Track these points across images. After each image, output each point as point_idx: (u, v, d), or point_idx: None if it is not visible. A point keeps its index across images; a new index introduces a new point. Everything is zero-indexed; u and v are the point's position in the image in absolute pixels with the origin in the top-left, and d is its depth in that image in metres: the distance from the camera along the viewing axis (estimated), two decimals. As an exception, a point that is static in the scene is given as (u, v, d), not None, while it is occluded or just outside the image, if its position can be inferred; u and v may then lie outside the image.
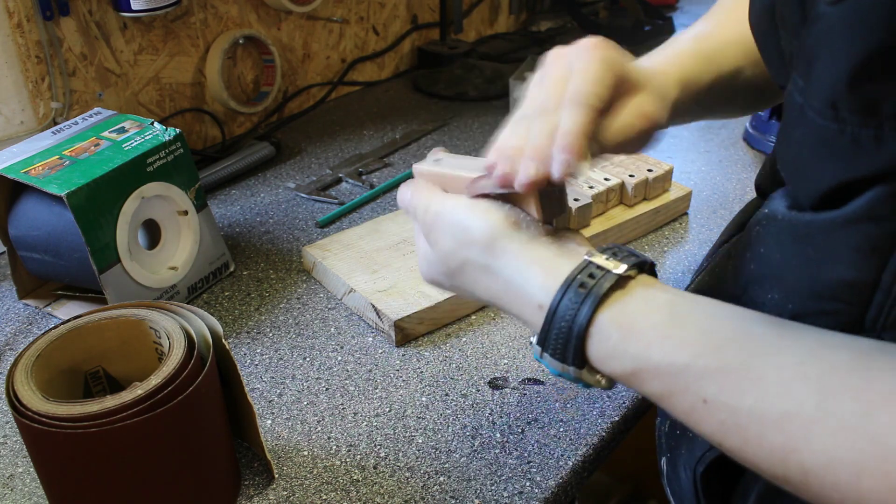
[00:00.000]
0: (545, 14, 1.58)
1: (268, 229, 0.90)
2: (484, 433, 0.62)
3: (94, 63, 0.93)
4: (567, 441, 0.61)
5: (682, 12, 1.68)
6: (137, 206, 0.71)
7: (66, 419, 0.46)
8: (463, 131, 1.14)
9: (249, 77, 1.13)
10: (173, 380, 0.49)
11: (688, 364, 0.39)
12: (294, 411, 0.64)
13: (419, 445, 0.61)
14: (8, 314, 0.77)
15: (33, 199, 0.70)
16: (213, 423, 0.53)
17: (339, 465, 0.59)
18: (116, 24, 0.94)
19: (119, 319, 0.54)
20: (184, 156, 0.75)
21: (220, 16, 1.05)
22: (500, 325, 0.74)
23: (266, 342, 0.72)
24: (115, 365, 0.56)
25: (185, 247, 0.77)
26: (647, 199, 0.87)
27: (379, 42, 1.31)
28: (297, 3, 1.11)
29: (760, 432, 0.36)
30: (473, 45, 1.40)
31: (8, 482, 0.58)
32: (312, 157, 1.07)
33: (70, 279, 0.73)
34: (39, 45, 0.87)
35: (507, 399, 0.65)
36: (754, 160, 1.05)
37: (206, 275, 0.79)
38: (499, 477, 0.58)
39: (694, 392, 0.39)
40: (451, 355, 0.70)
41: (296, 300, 0.78)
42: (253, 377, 0.68)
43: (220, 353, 0.54)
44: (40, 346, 0.51)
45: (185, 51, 1.03)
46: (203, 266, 0.79)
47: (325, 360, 0.70)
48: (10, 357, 0.71)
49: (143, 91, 1.00)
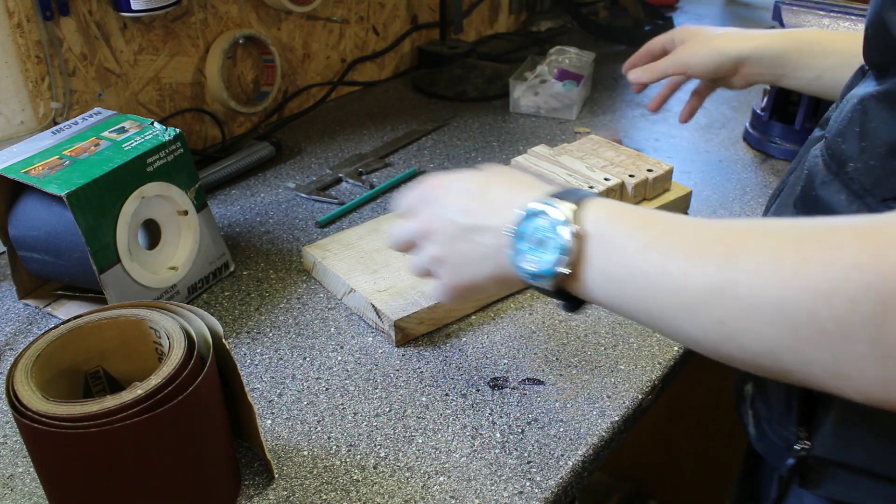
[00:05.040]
0: (545, 14, 1.58)
1: (268, 229, 0.90)
2: (484, 433, 0.62)
3: (94, 63, 0.93)
4: (567, 441, 0.61)
5: (682, 12, 1.68)
6: (137, 206, 0.71)
7: (66, 419, 0.46)
8: (463, 131, 1.14)
9: (249, 77, 1.13)
10: (173, 380, 0.49)
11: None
12: (294, 411, 0.64)
13: (419, 445, 0.61)
14: (8, 314, 0.77)
15: (33, 199, 0.70)
16: (213, 423, 0.53)
17: (339, 465, 0.59)
18: (116, 24, 0.94)
19: (119, 319, 0.54)
20: (184, 156, 0.75)
21: (220, 16, 1.05)
22: (500, 325, 0.74)
23: (266, 342, 0.72)
24: (115, 365, 0.56)
25: (185, 247, 0.77)
26: (648, 199, 0.87)
27: (379, 42, 1.31)
28: (297, 3, 1.11)
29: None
30: (473, 45, 1.40)
31: (8, 482, 0.58)
32: (312, 157, 1.07)
33: (70, 279, 0.73)
34: (39, 45, 0.87)
35: (507, 399, 0.65)
36: (754, 160, 1.05)
37: (206, 275, 0.79)
38: (499, 477, 0.58)
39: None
40: (450, 355, 0.70)
41: (296, 300, 0.78)
42: (253, 377, 0.68)
43: (220, 353, 0.54)
44: (40, 346, 0.51)
45: (185, 51, 1.03)
46: (203, 266, 0.79)
47: (325, 360, 0.70)
48: (10, 357, 0.71)
49: (143, 91, 1.00)
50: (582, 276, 0.46)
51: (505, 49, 1.45)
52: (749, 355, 0.39)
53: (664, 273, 0.42)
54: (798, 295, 0.36)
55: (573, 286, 0.47)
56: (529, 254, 0.48)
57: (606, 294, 0.46)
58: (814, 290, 0.35)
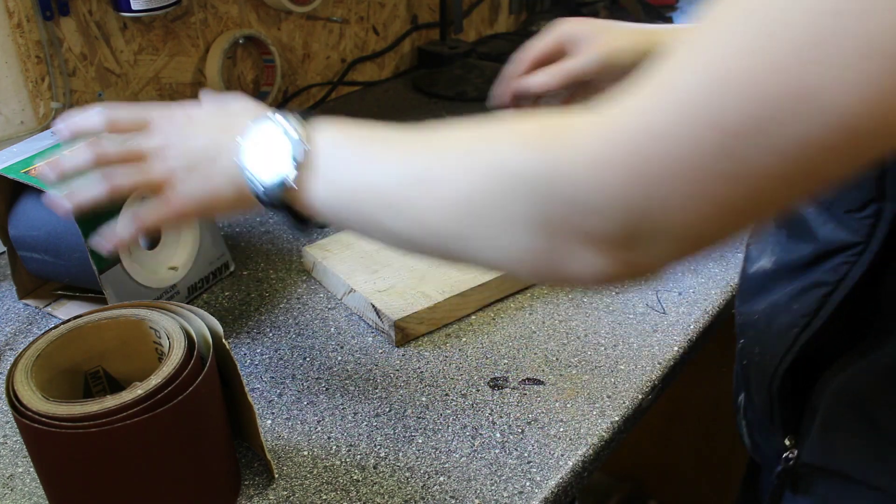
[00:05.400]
0: (545, 14, 1.58)
1: (268, 229, 0.90)
2: (484, 433, 0.62)
3: (94, 63, 0.93)
4: (567, 441, 0.61)
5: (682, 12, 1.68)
6: (137, 206, 0.71)
7: (66, 419, 0.46)
8: (463, 131, 1.14)
9: (249, 77, 1.13)
10: (173, 380, 0.49)
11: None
12: (294, 411, 0.64)
13: (419, 445, 0.61)
14: (8, 314, 0.77)
15: (33, 199, 0.70)
16: (213, 423, 0.53)
17: (339, 465, 0.59)
18: (116, 24, 0.94)
19: (119, 319, 0.54)
20: None
21: (220, 16, 1.05)
22: (500, 325, 0.74)
23: (266, 342, 0.72)
24: (115, 365, 0.56)
25: (184, 247, 0.77)
26: (647, 199, 0.87)
27: (379, 42, 1.31)
28: (297, 3, 1.11)
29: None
30: (473, 45, 1.40)
31: (8, 482, 0.58)
32: (312, 157, 1.07)
33: (70, 279, 0.73)
34: (39, 45, 0.87)
35: (507, 399, 0.65)
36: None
37: (205, 275, 0.79)
38: (499, 477, 0.58)
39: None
40: (450, 355, 0.70)
41: (296, 300, 0.78)
42: (253, 377, 0.68)
43: (220, 353, 0.54)
44: (40, 346, 0.51)
45: (185, 51, 1.03)
46: (203, 266, 0.78)
47: (325, 360, 0.70)
48: (10, 357, 0.71)
49: (143, 91, 1.00)
50: (308, 187, 0.48)
51: (505, 49, 1.45)
52: (441, 242, 0.42)
53: (375, 175, 0.45)
54: (476, 183, 0.40)
55: (300, 199, 0.48)
56: (259, 164, 0.49)
57: (328, 205, 0.48)
58: (488, 178, 0.39)
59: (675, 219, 0.34)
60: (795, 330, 0.52)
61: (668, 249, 0.36)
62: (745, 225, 0.36)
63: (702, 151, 0.33)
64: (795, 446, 0.55)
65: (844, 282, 0.49)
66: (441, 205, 0.41)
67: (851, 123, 0.31)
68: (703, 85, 0.33)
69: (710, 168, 0.33)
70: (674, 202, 0.34)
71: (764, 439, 0.59)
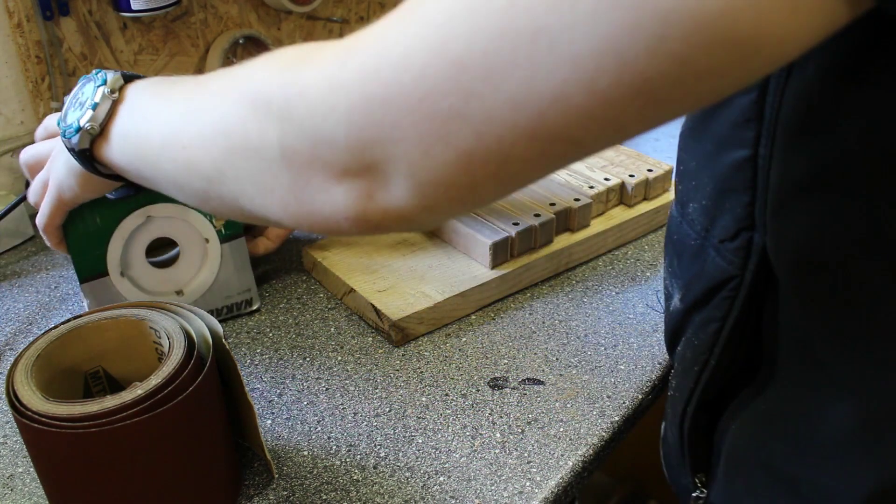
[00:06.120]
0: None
1: (268, 229, 0.90)
2: (484, 433, 0.62)
3: (94, 63, 0.93)
4: (567, 441, 0.61)
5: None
6: (142, 223, 0.69)
7: (66, 419, 0.46)
8: (463, 131, 1.14)
9: (249, 77, 1.13)
10: (173, 380, 0.49)
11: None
12: (294, 411, 0.64)
13: (419, 445, 0.61)
14: (8, 314, 0.77)
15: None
16: (213, 423, 0.53)
17: (339, 465, 0.59)
18: (116, 24, 0.94)
19: (119, 319, 0.54)
20: None
21: (220, 16, 1.05)
22: (500, 325, 0.74)
23: (266, 342, 0.72)
24: (115, 365, 0.56)
25: (200, 275, 0.73)
26: (648, 199, 0.87)
27: (379, 42, 1.31)
28: (297, 3, 1.11)
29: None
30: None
31: (8, 482, 0.58)
32: (312, 157, 1.06)
33: None
34: (39, 45, 0.87)
35: (506, 399, 0.65)
36: (754, 160, 1.05)
37: (219, 307, 0.74)
38: (499, 477, 0.58)
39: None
40: (450, 355, 0.70)
41: (296, 300, 0.78)
42: (253, 377, 0.68)
43: (220, 353, 0.54)
44: (40, 346, 0.51)
45: (185, 51, 1.03)
46: (218, 298, 0.74)
47: (325, 360, 0.70)
48: (10, 357, 0.71)
49: (143, 91, 1.00)
50: (108, 135, 0.49)
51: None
52: (205, 182, 0.42)
53: (159, 116, 0.45)
54: (231, 113, 0.39)
55: (101, 148, 0.50)
56: (68, 115, 0.51)
57: (123, 153, 0.49)
58: (240, 104, 0.38)
59: (411, 155, 0.33)
60: (696, 368, 0.50)
61: (413, 191, 0.34)
62: (498, 179, 0.33)
63: (433, 83, 0.31)
64: (706, 486, 0.53)
65: (728, 318, 0.46)
66: (202, 140, 0.41)
67: (586, 78, 0.29)
68: (444, 11, 0.31)
69: (441, 103, 0.31)
70: (405, 133, 0.32)
71: (676, 475, 0.58)
